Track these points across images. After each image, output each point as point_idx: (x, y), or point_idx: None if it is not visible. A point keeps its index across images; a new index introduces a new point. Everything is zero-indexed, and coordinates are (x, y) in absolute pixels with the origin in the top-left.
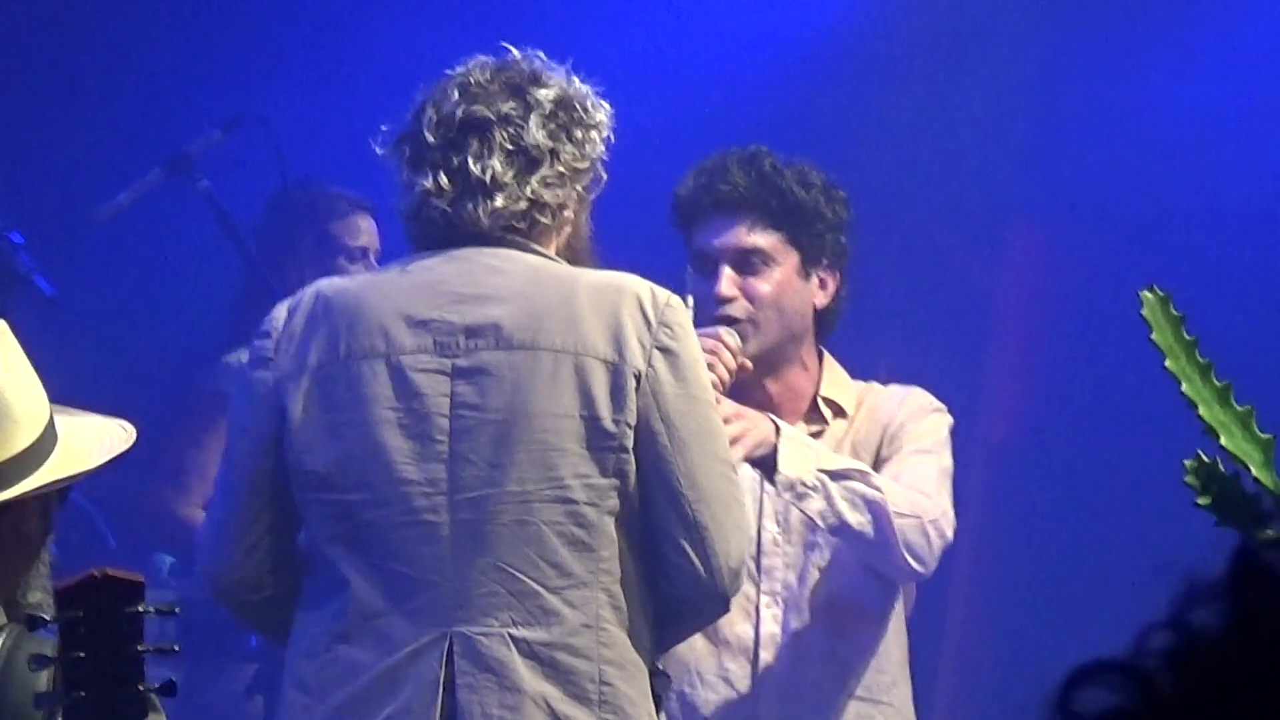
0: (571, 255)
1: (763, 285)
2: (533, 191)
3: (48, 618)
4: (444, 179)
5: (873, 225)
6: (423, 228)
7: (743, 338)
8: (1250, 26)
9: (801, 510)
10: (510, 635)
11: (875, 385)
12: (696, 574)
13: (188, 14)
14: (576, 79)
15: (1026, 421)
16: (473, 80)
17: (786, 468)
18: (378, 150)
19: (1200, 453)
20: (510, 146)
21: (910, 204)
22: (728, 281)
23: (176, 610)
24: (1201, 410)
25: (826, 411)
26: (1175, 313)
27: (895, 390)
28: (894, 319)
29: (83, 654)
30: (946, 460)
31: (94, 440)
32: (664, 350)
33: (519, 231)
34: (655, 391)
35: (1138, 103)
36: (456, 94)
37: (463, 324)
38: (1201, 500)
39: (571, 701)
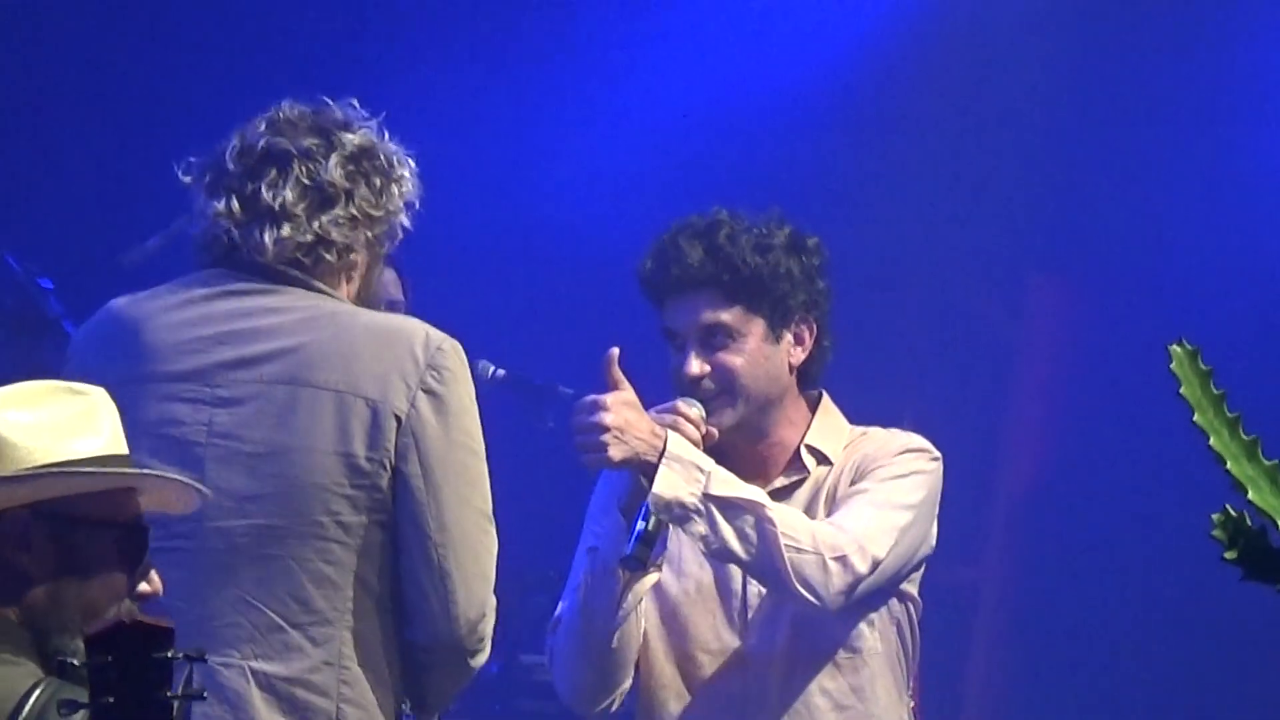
0: (358, 303)
1: (731, 359)
2: (320, 227)
3: (77, 663)
4: (235, 204)
5: (899, 274)
6: (209, 250)
7: (716, 412)
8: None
9: (684, 532)
10: (250, 668)
11: (872, 429)
12: (434, 620)
13: (220, 60)
14: (386, 136)
15: (1050, 472)
16: (282, 116)
17: (660, 488)
18: (183, 177)
19: (1228, 507)
20: (306, 181)
21: (935, 256)
22: (695, 361)
23: (205, 657)
24: (1230, 465)
25: (809, 460)
26: (1204, 367)
27: (883, 433)
28: (918, 367)
29: (113, 699)
30: (903, 495)
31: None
32: (429, 393)
33: (302, 266)
34: (416, 433)
35: (1161, 154)
36: (263, 126)
37: (232, 356)
38: (1229, 555)
39: None
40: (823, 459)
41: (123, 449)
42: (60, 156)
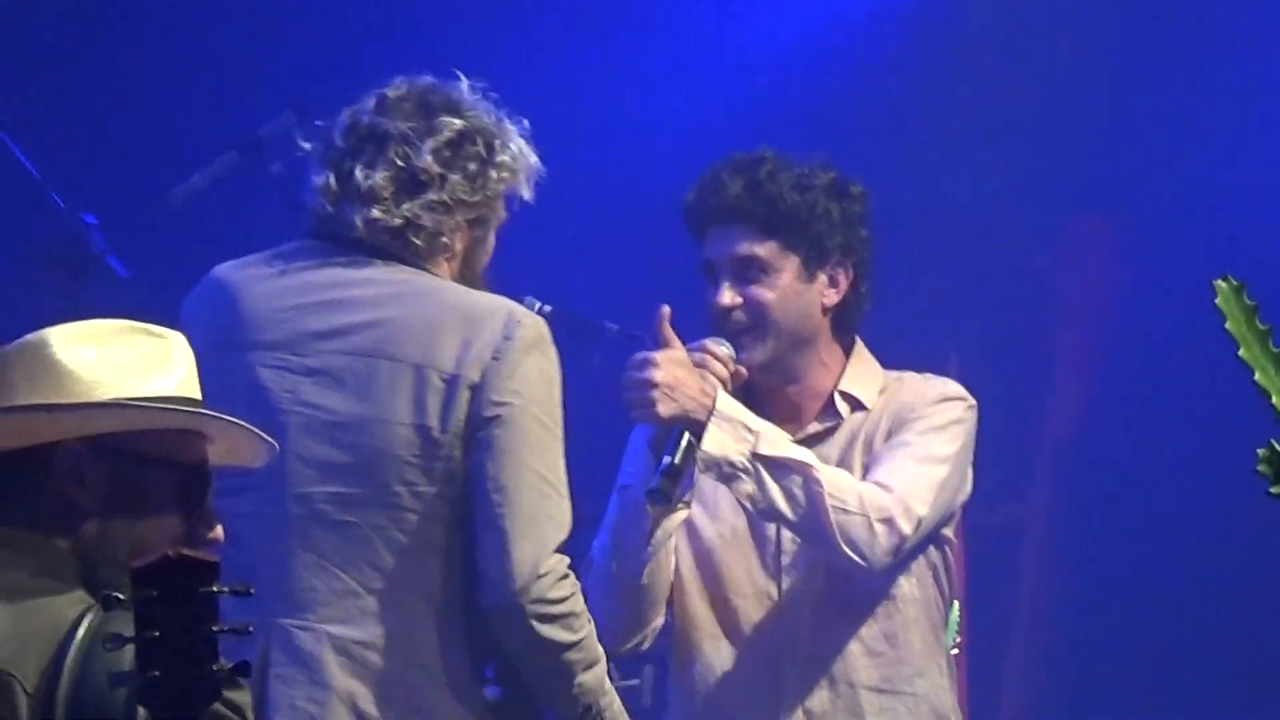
0: (460, 281)
1: (763, 293)
2: (410, 211)
3: (123, 597)
4: (333, 181)
5: (943, 215)
6: (310, 221)
7: (747, 347)
8: None
9: (732, 490)
10: (326, 631)
11: (906, 375)
12: (491, 581)
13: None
14: (504, 120)
15: (1096, 413)
16: (391, 95)
17: (710, 446)
18: (304, 145)
19: (1274, 442)
20: (400, 164)
21: (979, 198)
22: (727, 293)
23: (251, 591)
24: (1275, 399)
25: (843, 407)
26: (1249, 302)
27: (918, 379)
28: (962, 308)
29: (158, 633)
30: (942, 447)
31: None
32: (499, 362)
33: (395, 246)
34: (485, 403)
35: (1204, 92)
36: (373, 103)
37: (320, 326)
38: (1275, 490)
39: (377, 702)
40: (857, 405)
41: (194, 393)
42: (106, 94)
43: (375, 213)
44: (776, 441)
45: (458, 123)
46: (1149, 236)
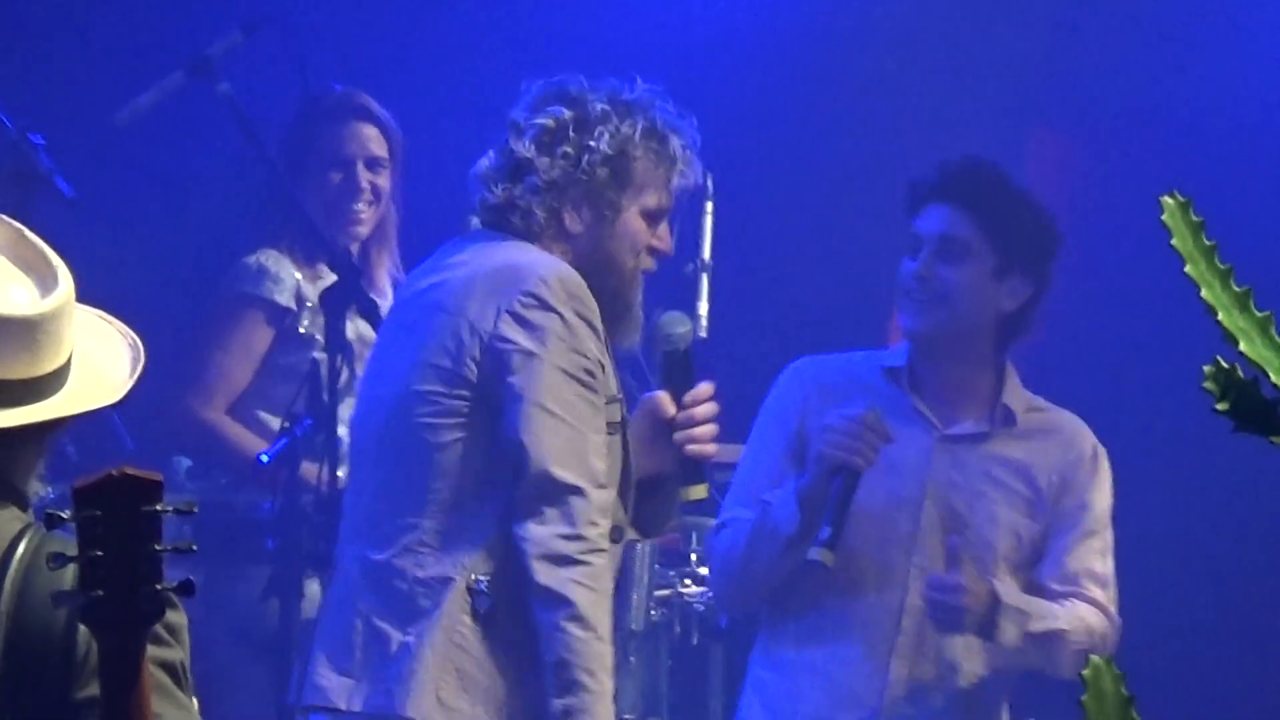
0: (588, 253)
1: (956, 273)
2: (510, 194)
3: (65, 516)
4: (480, 163)
5: (901, 126)
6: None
7: (924, 316)
8: None
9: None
10: (359, 555)
11: (1049, 410)
12: (509, 515)
13: None
14: (611, 110)
15: (1049, 326)
16: (535, 87)
17: (1005, 640)
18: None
19: (1219, 359)
20: (509, 149)
21: (938, 109)
22: (925, 264)
23: (194, 510)
24: (1221, 316)
25: (998, 417)
26: (1195, 218)
27: (1064, 421)
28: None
29: (101, 552)
30: (1110, 531)
31: (112, 360)
32: (514, 315)
33: (503, 225)
34: (499, 350)
35: (1159, 5)
36: (523, 94)
37: (417, 288)
38: (1220, 406)
39: (385, 616)
40: (1010, 419)
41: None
42: (51, 13)
43: (485, 194)
44: (1044, 617)
45: (569, 112)
46: (1101, 149)
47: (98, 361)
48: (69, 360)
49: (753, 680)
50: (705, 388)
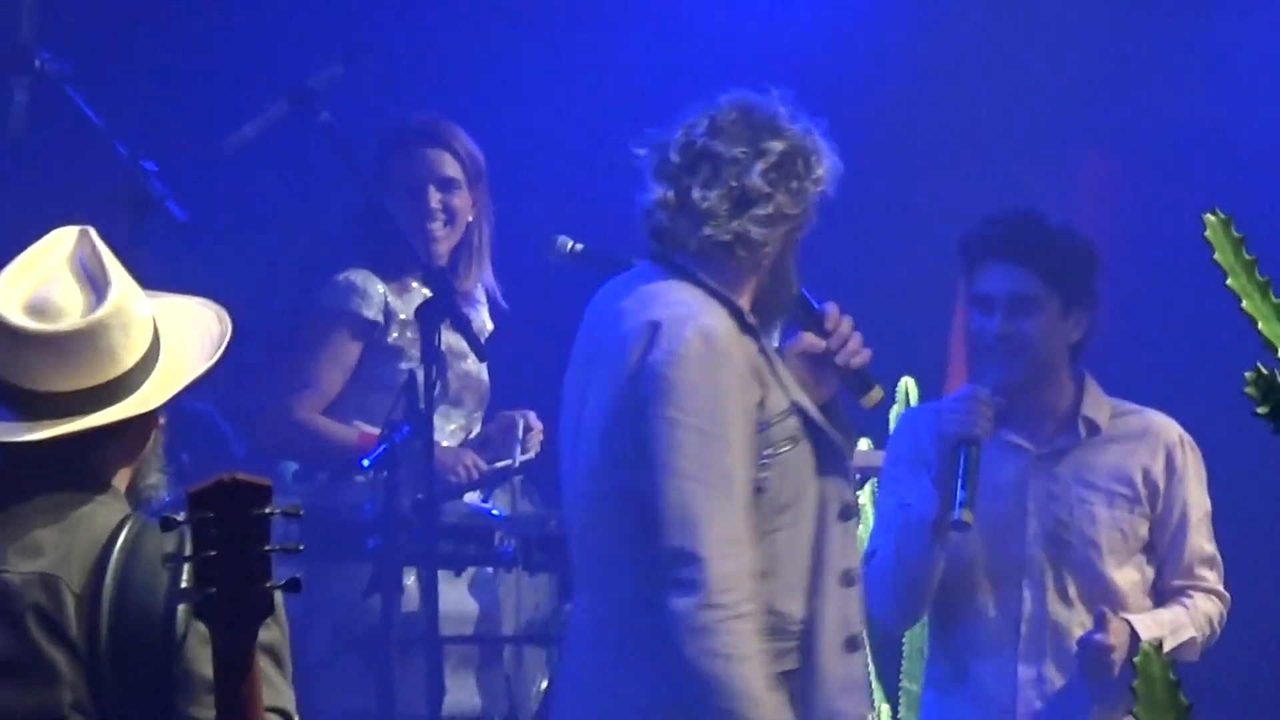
0: (771, 284)
1: (1031, 327)
2: (740, 227)
3: (180, 519)
4: (672, 196)
5: (951, 150)
6: (645, 228)
7: (1010, 370)
8: None
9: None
10: None
11: (1138, 410)
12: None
13: None
14: (813, 133)
15: (1099, 338)
16: (720, 118)
17: (1145, 634)
18: (637, 151)
19: (1260, 365)
20: (733, 183)
21: (986, 131)
22: (1004, 322)
23: (300, 513)
24: (1261, 326)
25: (1082, 429)
26: (1236, 234)
27: (1148, 419)
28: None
29: (213, 553)
30: (1207, 510)
31: (195, 340)
32: (643, 365)
33: (713, 259)
34: (633, 395)
35: (1203, 31)
36: (705, 125)
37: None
38: (1260, 410)
39: None
40: (1094, 429)
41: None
42: (164, 49)
43: (708, 230)
44: (1176, 631)
45: (780, 145)
46: (1147, 171)
47: (180, 353)
48: (141, 361)
49: (910, 700)
50: (833, 308)
